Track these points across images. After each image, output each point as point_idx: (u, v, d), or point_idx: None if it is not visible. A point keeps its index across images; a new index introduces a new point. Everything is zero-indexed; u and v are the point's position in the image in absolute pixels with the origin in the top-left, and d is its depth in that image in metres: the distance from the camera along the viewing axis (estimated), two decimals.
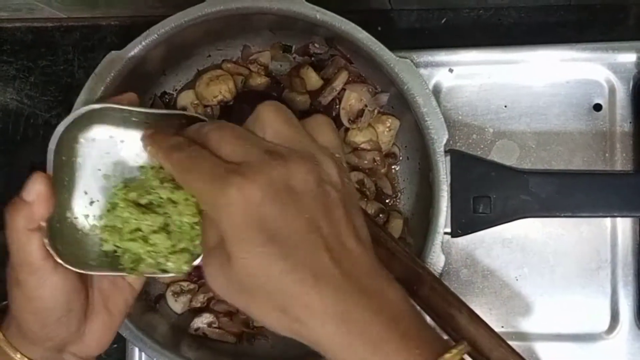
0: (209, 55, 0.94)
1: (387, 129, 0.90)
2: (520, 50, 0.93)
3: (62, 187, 0.65)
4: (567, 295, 0.91)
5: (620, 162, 0.90)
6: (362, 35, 0.79)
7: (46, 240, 0.60)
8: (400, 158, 0.92)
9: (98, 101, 0.76)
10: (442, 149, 0.79)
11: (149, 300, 0.92)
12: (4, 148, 1.04)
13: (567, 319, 0.91)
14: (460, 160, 0.80)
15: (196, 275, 0.92)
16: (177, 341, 0.88)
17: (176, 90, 0.95)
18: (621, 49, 0.91)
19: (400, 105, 0.87)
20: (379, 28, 0.97)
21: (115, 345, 1.00)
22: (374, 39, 0.79)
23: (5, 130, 1.05)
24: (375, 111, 0.90)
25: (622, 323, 0.90)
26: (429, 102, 0.79)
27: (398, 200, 0.93)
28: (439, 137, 0.78)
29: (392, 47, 0.80)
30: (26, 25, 1.05)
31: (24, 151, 1.00)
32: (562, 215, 0.80)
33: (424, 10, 0.99)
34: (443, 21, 0.99)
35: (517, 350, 0.71)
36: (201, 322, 0.91)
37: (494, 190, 0.79)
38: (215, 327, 0.91)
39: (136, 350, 0.94)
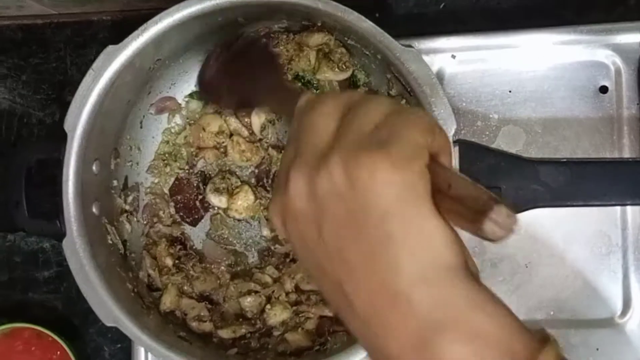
0: (207, 52, 0.91)
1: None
2: (522, 34, 0.92)
3: None
4: (578, 280, 0.90)
5: (628, 146, 0.90)
6: (366, 25, 0.77)
7: None
8: None
9: None
10: (450, 139, 0.77)
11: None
12: None
13: (578, 304, 0.90)
14: (469, 151, 0.78)
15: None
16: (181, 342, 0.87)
17: (174, 84, 0.94)
18: (625, 30, 0.90)
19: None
20: (377, 15, 0.95)
21: (119, 346, 0.99)
22: (378, 28, 0.77)
23: None
24: None
25: (635, 307, 0.89)
26: (436, 92, 0.77)
27: None
28: (447, 127, 0.76)
29: (391, 34, 0.78)
30: (16, 22, 1.04)
31: (19, 152, 0.98)
32: (574, 204, 0.78)
33: None
34: (442, 6, 0.98)
35: None
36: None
37: (504, 180, 0.77)
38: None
39: (142, 350, 0.93)
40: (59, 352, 0.96)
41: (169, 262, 0.92)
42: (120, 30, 0.80)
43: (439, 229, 0.46)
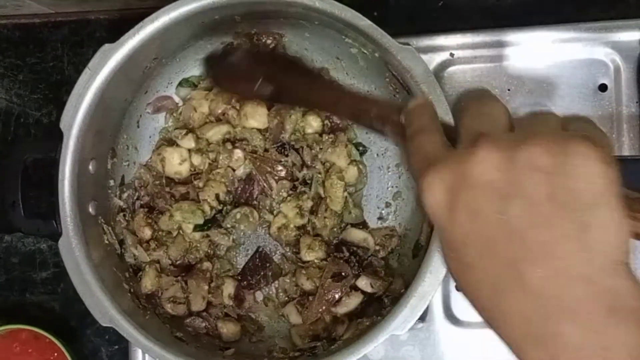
0: (205, 50, 0.92)
1: None
2: (521, 32, 0.92)
3: None
4: None
5: (628, 144, 0.89)
6: (363, 23, 0.77)
7: None
8: None
9: None
10: None
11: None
12: None
13: None
14: None
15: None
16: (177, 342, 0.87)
17: (171, 83, 0.94)
18: (624, 28, 0.90)
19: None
20: (375, 13, 0.95)
21: (117, 347, 0.99)
22: (376, 26, 0.77)
23: None
24: None
25: None
26: (434, 90, 0.77)
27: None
28: None
29: (389, 32, 0.78)
30: (13, 22, 1.03)
31: (16, 152, 0.98)
32: None
33: None
34: (440, 4, 0.97)
35: None
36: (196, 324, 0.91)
37: None
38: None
39: (139, 352, 0.93)
40: (56, 354, 0.96)
41: (147, 233, 0.92)
42: (118, 30, 0.80)
43: (626, 225, 0.48)
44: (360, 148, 0.94)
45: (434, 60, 0.92)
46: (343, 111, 0.77)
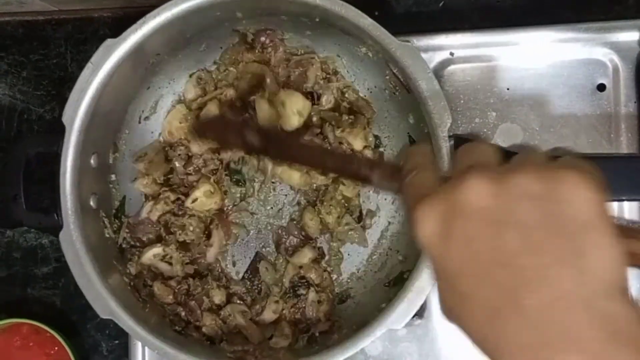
0: (206, 46, 0.93)
1: None
2: (520, 32, 0.92)
3: None
4: None
5: (626, 143, 0.89)
6: (364, 21, 0.77)
7: None
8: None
9: None
10: (445, 134, 0.77)
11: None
12: None
13: None
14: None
15: None
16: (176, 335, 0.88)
17: (173, 79, 0.94)
18: (623, 28, 0.90)
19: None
20: (376, 13, 0.95)
21: (117, 341, 0.99)
22: (375, 22, 0.77)
23: None
24: None
25: None
26: (432, 86, 0.77)
27: None
28: (443, 122, 0.77)
29: (391, 32, 0.79)
30: (17, 19, 1.04)
31: (18, 147, 0.99)
32: None
33: None
34: (441, 4, 0.98)
35: None
36: None
37: None
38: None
39: (139, 345, 0.94)
40: (56, 348, 0.96)
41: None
42: (121, 27, 0.80)
43: (620, 250, 0.48)
44: (377, 141, 0.94)
45: (433, 59, 0.92)
46: (330, 163, 0.75)
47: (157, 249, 0.90)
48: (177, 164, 0.93)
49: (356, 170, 0.69)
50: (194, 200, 0.92)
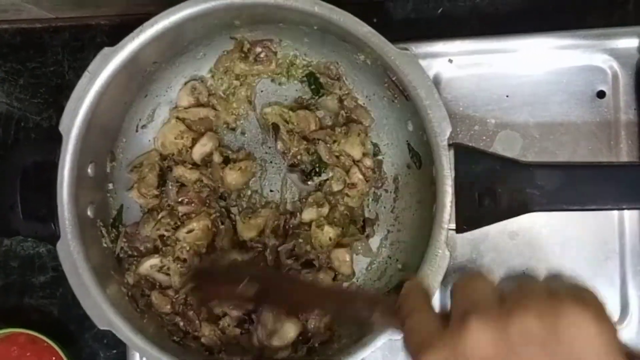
0: (204, 54, 0.93)
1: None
2: (519, 39, 0.92)
3: None
4: None
5: (626, 151, 0.89)
6: (362, 29, 0.77)
7: None
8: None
9: None
10: (445, 142, 0.76)
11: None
12: None
13: None
14: (465, 154, 0.78)
15: None
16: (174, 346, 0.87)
17: (170, 87, 0.94)
18: (622, 35, 0.90)
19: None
20: (375, 20, 0.95)
21: (114, 351, 0.99)
22: (373, 30, 0.77)
23: None
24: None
25: (632, 313, 0.88)
26: (431, 95, 0.77)
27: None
28: (442, 130, 0.76)
29: (389, 39, 0.78)
30: (14, 26, 1.04)
31: (15, 155, 0.99)
32: (571, 208, 0.78)
33: (420, 0, 0.98)
34: (439, 11, 0.98)
35: None
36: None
37: (499, 184, 0.77)
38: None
39: (137, 356, 0.93)
40: (54, 358, 0.96)
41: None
42: (118, 34, 0.80)
43: None
44: (376, 148, 0.94)
45: (432, 66, 0.92)
46: (330, 305, 0.75)
47: (155, 260, 0.90)
48: (170, 188, 0.93)
49: (357, 310, 0.69)
50: (189, 231, 0.91)
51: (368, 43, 0.78)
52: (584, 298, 0.49)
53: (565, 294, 0.51)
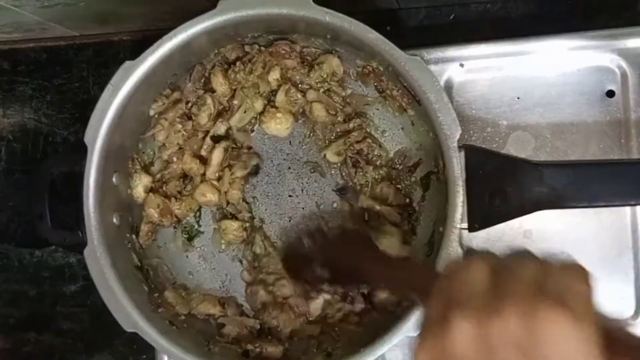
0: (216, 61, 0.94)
1: None
2: (529, 42, 0.92)
3: None
4: None
5: (637, 148, 0.90)
6: (372, 36, 0.79)
7: None
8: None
9: None
10: (455, 144, 0.78)
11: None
12: (24, 167, 1.06)
13: None
14: (475, 155, 0.80)
15: None
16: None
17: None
18: (631, 35, 0.91)
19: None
20: (388, 28, 0.97)
21: (144, 356, 1.01)
22: (383, 37, 0.79)
23: (25, 149, 1.07)
24: None
25: None
26: (441, 98, 0.79)
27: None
28: (452, 133, 0.78)
29: (402, 46, 0.80)
30: (40, 45, 1.07)
31: (43, 168, 1.02)
32: (579, 205, 0.79)
33: (432, 7, 0.99)
34: (451, 17, 1.00)
35: None
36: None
37: (509, 183, 0.78)
38: None
39: (165, 359, 0.95)
40: None
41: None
42: (141, 50, 0.83)
43: None
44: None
45: (445, 70, 0.93)
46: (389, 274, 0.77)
47: None
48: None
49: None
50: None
51: (377, 49, 0.80)
52: (567, 296, 0.49)
53: (554, 285, 0.51)
